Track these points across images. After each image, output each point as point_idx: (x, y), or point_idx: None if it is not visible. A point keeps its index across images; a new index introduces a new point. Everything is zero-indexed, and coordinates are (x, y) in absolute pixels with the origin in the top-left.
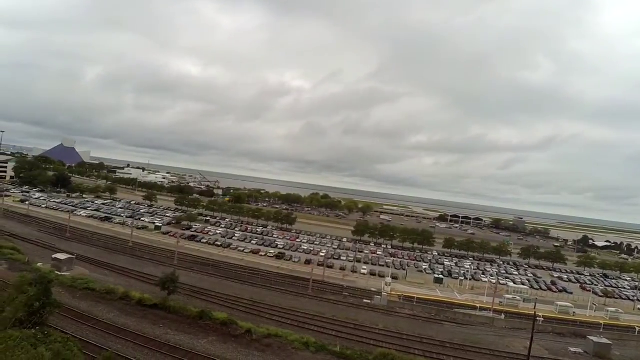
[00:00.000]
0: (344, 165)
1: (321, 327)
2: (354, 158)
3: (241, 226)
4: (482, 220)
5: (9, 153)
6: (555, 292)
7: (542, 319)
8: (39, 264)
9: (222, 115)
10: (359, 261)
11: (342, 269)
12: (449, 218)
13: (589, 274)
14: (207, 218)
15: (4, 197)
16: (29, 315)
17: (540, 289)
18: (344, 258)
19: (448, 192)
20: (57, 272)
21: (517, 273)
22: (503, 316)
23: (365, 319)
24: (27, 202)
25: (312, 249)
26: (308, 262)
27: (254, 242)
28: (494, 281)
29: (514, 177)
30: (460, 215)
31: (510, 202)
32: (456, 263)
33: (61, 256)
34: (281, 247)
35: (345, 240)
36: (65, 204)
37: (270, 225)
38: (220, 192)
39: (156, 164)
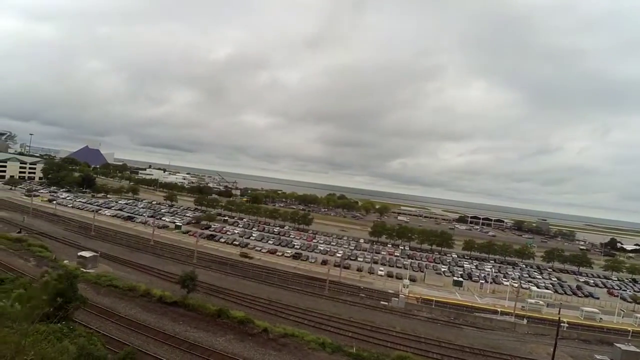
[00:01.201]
0: (361, 162)
1: (337, 328)
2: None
3: (258, 226)
4: (503, 221)
5: (38, 155)
6: (580, 297)
7: (567, 325)
8: (65, 261)
9: (240, 109)
10: (376, 262)
11: (359, 270)
12: (469, 219)
13: (616, 279)
14: (226, 218)
15: (32, 197)
16: (55, 310)
17: (565, 293)
18: (361, 259)
19: (464, 192)
20: (82, 269)
21: (540, 277)
22: (525, 321)
23: (382, 321)
24: (54, 202)
25: (328, 249)
26: (324, 262)
27: (271, 242)
28: (516, 285)
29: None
30: (481, 217)
31: (533, 202)
32: (476, 266)
33: (86, 254)
34: (298, 247)
35: (362, 241)
36: (90, 203)
37: (287, 225)
38: (238, 192)
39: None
